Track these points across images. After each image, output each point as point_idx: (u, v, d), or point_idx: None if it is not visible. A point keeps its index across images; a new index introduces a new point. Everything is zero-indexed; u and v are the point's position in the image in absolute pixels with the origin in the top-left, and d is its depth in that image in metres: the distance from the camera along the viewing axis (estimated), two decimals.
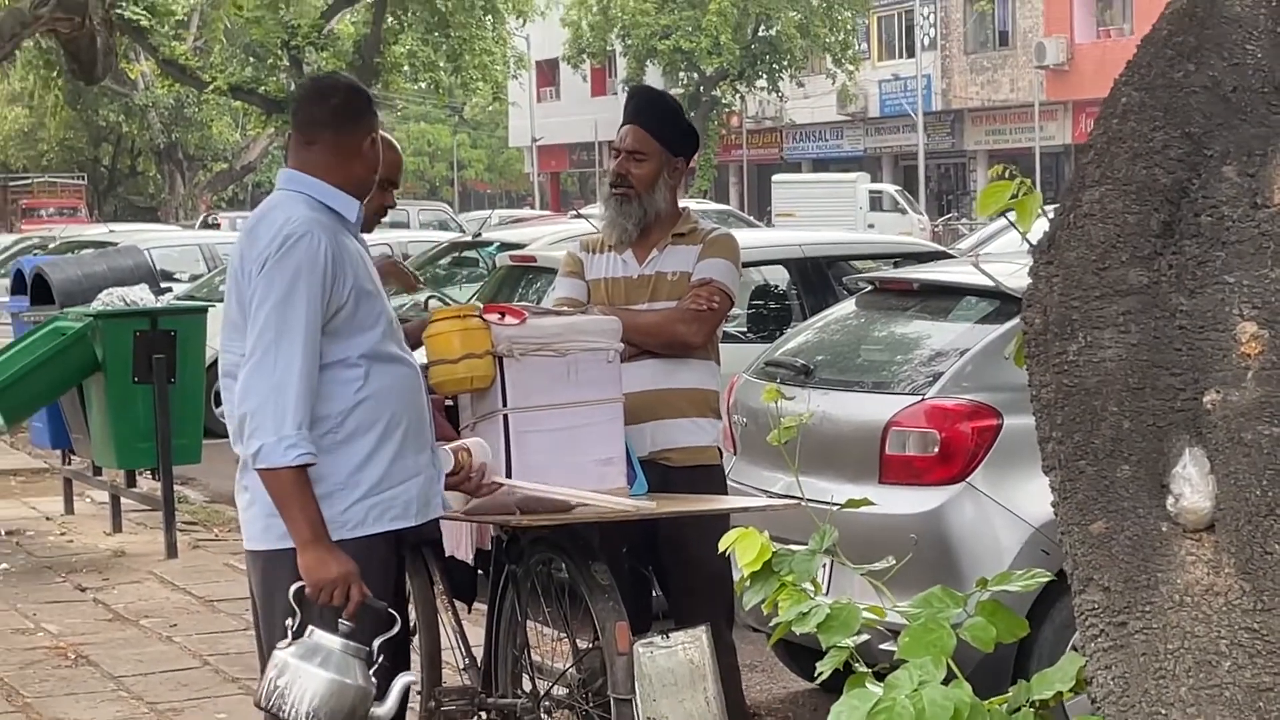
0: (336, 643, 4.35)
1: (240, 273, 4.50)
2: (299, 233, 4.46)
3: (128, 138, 59.15)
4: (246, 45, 45.48)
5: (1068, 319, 3.14)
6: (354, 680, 4.35)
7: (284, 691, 4.30)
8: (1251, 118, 3.05)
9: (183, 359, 10.94)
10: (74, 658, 8.53)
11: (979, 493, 6.69)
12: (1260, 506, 2.98)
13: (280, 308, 4.40)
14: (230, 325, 4.56)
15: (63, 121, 56.70)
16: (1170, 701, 3.03)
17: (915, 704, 3.16)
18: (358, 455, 4.57)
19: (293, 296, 4.41)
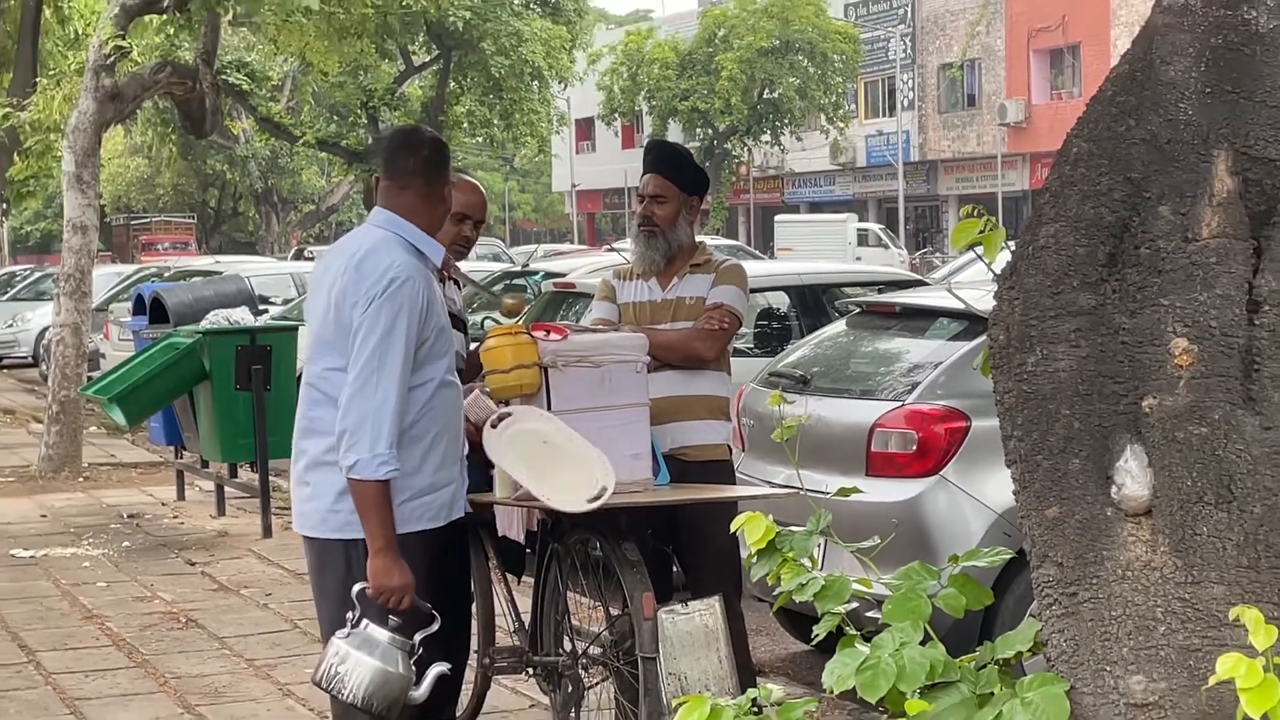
0: (386, 636, 4.33)
1: (343, 300, 4.44)
2: (402, 277, 4.42)
3: (231, 183, 59.25)
4: (331, 105, 45.52)
5: (1027, 335, 3.13)
6: (398, 670, 4.34)
7: (343, 677, 4.30)
8: (1183, 165, 3.04)
9: (277, 369, 10.97)
10: (184, 621, 8.54)
11: (950, 484, 6.68)
12: (1191, 494, 2.97)
13: (384, 342, 4.36)
14: (323, 342, 4.51)
15: (176, 170, 56.85)
16: (1114, 660, 3.02)
17: (897, 661, 3.15)
18: (411, 462, 4.51)
19: (394, 333, 4.38)
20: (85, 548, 10.88)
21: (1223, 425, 2.97)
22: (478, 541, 6.01)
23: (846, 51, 54.50)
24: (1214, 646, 2.89)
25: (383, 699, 4.32)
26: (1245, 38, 3.05)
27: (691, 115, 55.17)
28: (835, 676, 3.21)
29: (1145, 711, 2.98)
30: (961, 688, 3.12)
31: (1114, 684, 3.01)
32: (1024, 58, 51.08)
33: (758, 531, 3.47)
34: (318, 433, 4.50)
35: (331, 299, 4.49)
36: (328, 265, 4.68)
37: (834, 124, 55.87)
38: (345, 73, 35.90)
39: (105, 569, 10.11)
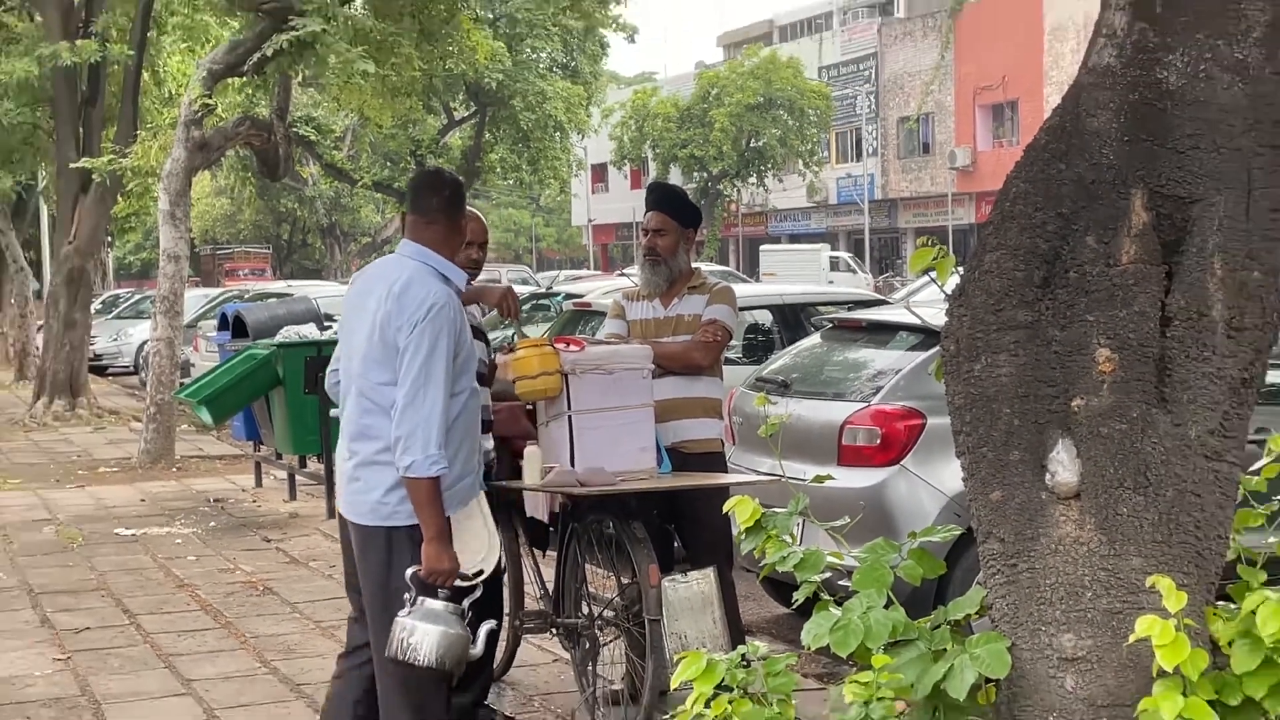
0: (442, 606, 4.32)
1: (387, 324, 4.40)
2: (440, 303, 4.41)
3: (300, 219, 59.31)
4: (385, 153, 45.56)
5: (974, 346, 3.13)
6: (458, 631, 4.33)
7: (415, 647, 4.27)
8: (1106, 202, 3.04)
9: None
10: (261, 589, 8.55)
11: (909, 472, 6.67)
12: (1113, 481, 2.97)
13: (428, 360, 4.34)
14: (371, 360, 4.45)
15: (254, 208, 56.94)
16: (1048, 621, 3.02)
17: (864, 622, 3.15)
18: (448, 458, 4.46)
19: (436, 352, 4.36)
20: (178, 527, 10.89)
21: (1140, 422, 2.97)
22: (508, 520, 6.02)
23: (820, 107, 54.55)
24: (1133, 610, 2.90)
25: (452, 658, 4.31)
26: (1158, 94, 3.05)
27: (689, 161, 55.23)
28: (812, 635, 3.20)
29: (1075, 665, 2.97)
30: (919, 645, 3.12)
31: (1048, 641, 3.01)
32: (970, 112, 51.07)
33: (746, 513, 3.47)
34: (369, 437, 4.46)
35: (376, 322, 4.45)
36: (368, 289, 4.61)
37: (810, 168, 55.92)
38: (397, 126, 35.91)
39: (194, 545, 10.12)
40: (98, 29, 19.24)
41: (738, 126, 53.87)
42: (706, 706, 3.15)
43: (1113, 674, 2.95)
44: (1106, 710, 2.94)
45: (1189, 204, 3.02)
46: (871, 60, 56.06)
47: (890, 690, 3.05)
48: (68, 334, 19.50)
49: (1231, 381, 3.00)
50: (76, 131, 19.51)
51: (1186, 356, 2.99)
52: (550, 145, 45.08)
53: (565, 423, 5.50)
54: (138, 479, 13.68)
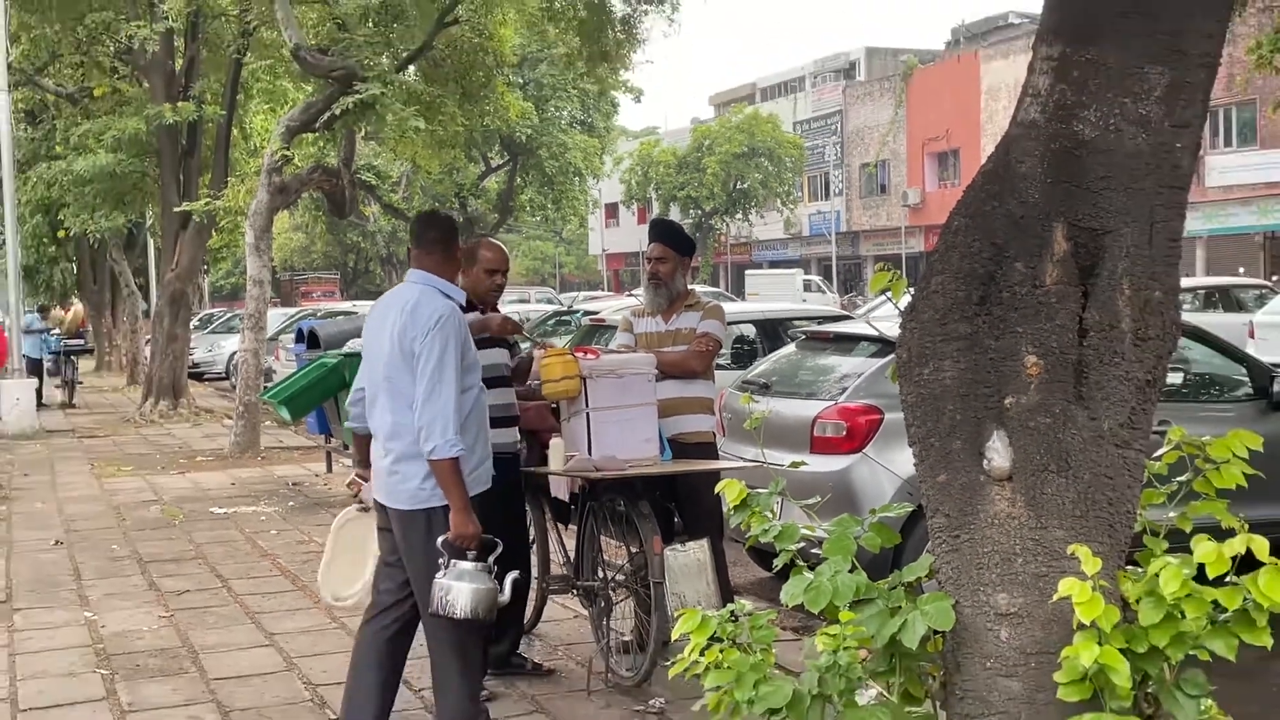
0: (470, 565, 4.33)
1: (403, 337, 4.43)
2: (445, 315, 4.45)
3: (363, 250, 59.34)
4: (433, 195, 45.60)
5: (923, 353, 3.13)
6: (486, 585, 4.33)
7: (452, 603, 4.29)
8: (1032, 234, 3.04)
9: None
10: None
11: (870, 458, 6.67)
12: (1039, 466, 2.96)
13: (440, 361, 4.37)
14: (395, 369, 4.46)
15: (324, 241, 57.03)
16: (985, 583, 3.01)
17: (833, 584, 3.14)
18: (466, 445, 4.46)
19: (446, 354, 4.39)
20: (261, 506, 10.90)
21: (1061, 417, 2.96)
22: (536, 500, 6.03)
23: (795, 155, 54.56)
24: (1056, 573, 2.89)
25: (485, 608, 4.32)
26: (1075, 144, 3.05)
27: (686, 200, 55.26)
28: (789, 594, 3.20)
29: (1008, 619, 2.97)
30: (879, 603, 3.11)
31: (986, 600, 3.00)
32: (920, 159, 51.04)
33: (734, 493, 3.47)
34: (401, 434, 4.46)
35: (394, 337, 4.47)
36: (385, 313, 4.62)
37: (786, 206, 55.95)
38: (443, 172, 35.93)
39: (276, 521, 10.13)
40: (195, 93, 19.32)
41: (726, 172, 53.93)
42: (701, 654, 3.15)
43: (1040, 627, 2.95)
44: (1034, 657, 2.94)
45: (1101, 235, 3.02)
46: (837, 116, 56.06)
47: (855, 640, 3.05)
48: (170, 346, 19.57)
49: (1138, 382, 3.00)
50: (178, 178, 19.59)
51: (1100, 362, 2.99)
52: (570, 188, 45.18)
53: (584, 419, 5.50)
54: (228, 466, 13.72)
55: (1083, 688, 2.78)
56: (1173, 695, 2.89)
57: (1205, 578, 2.77)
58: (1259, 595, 2.73)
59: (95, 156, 19.71)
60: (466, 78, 17.95)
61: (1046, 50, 3.10)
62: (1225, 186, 36.55)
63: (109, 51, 20.75)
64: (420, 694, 5.54)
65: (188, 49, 19.40)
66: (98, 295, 31.54)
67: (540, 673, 5.77)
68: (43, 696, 5.66)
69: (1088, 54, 3.03)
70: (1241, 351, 8.10)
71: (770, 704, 3.02)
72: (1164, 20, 2.99)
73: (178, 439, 16.48)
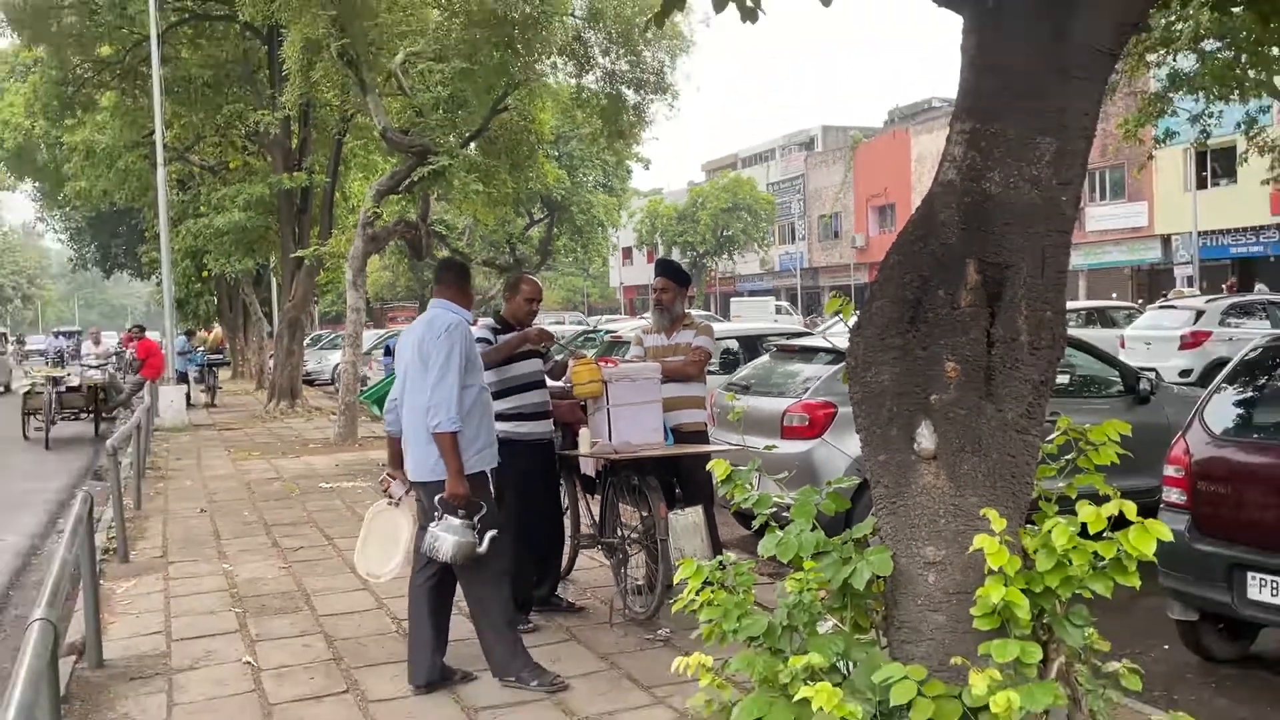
0: (458, 521, 4.36)
1: (422, 342, 4.49)
2: (453, 324, 4.52)
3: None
4: (490, 241, 45.68)
5: (867, 361, 3.11)
6: (467, 538, 4.34)
7: (438, 549, 4.34)
8: (950, 268, 3.02)
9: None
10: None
11: (827, 443, 6.65)
12: (957, 448, 2.94)
13: (447, 358, 4.42)
14: (418, 371, 4.50)
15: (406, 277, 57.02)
16: (916, 539, 2.99)
17: (798, 540, 3.12)
18: (472, 430, 4.50)
19: (452, 353, 4.43)
20: (358, 482, 10.91)
21: (974, 410, 2.94)
22: (569, 474, 6.02)
23: (768, 209, 54.53)
24: (972, 530, 2.87)
25: (463, 555, 4.34)
26: (983, 198, 3.03)
27: (684, 244, 55.23)
28: (764, 548, 3.18)
29: (934, 567, 2.94)
30: (834, 554, 3.09)
31: (917, 551, 2.98)
32: (865, 211, 50.93)
33: (722, 470, 3.45)
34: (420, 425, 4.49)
35: (417, 345, 4.53)
36: (409, 334, 4.69)
37: (762, 248, 55.91)
38: (497, 224, 36.02)
39: (369, 494, 10.12)
40: (307, 165, 19.39)
41: (715, 222, 53.94)
42: (697, 595, 3.13)
43: (959, 572, 2.92)
44: (955, 596, 2.91)
45: (1004, 269, 3.00)
46: (801, 179, 55.99)
47: (815, 584, 3.03)
48: (289, 360, 19.61)
49: (1034, 383, 2.98)
50: (293, 230, 19.65)
51: (1004, 367, 2.96)
52: (595, 235, 45.26)
53: (605, 413, 5.50)
54: (333, 451, 13.72)
55: (993, 620, 2.76)
56: (1063, 625, 2.87)
57: (1087, 534, 2.76)
58: (1129, 547, 2.71)
59: (230, 214, 19.79)
60: (515, 151, 17.98)
61: (960, 126, 3.09)
62: (1101, 230, 36.45)
63: (241, 133, 20.86)
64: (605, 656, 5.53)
65: (301, 131, 19.47)
66: (233, 321, 31.66)
67: (573, 609, 5.75)
68: (191, 629, 5.67)
69: (992, 128, 3.02)
70: (1115, 358, 8.06)
71: (750, 633, 3.00)
72: (1051, 102, 2.98)
73: (294, 431, 16.50)
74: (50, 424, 15.64)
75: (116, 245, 34.94)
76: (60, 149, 25.35)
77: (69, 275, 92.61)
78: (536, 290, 5.65)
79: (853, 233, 51.43)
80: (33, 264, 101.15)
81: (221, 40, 20.77)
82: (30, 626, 2.76)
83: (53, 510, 10.17)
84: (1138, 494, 4.00)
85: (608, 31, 16.96)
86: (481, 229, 41.50)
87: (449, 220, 38.93)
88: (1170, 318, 17.02)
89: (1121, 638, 5.18)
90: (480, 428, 4.58)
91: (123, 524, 7.47)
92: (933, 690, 2.68)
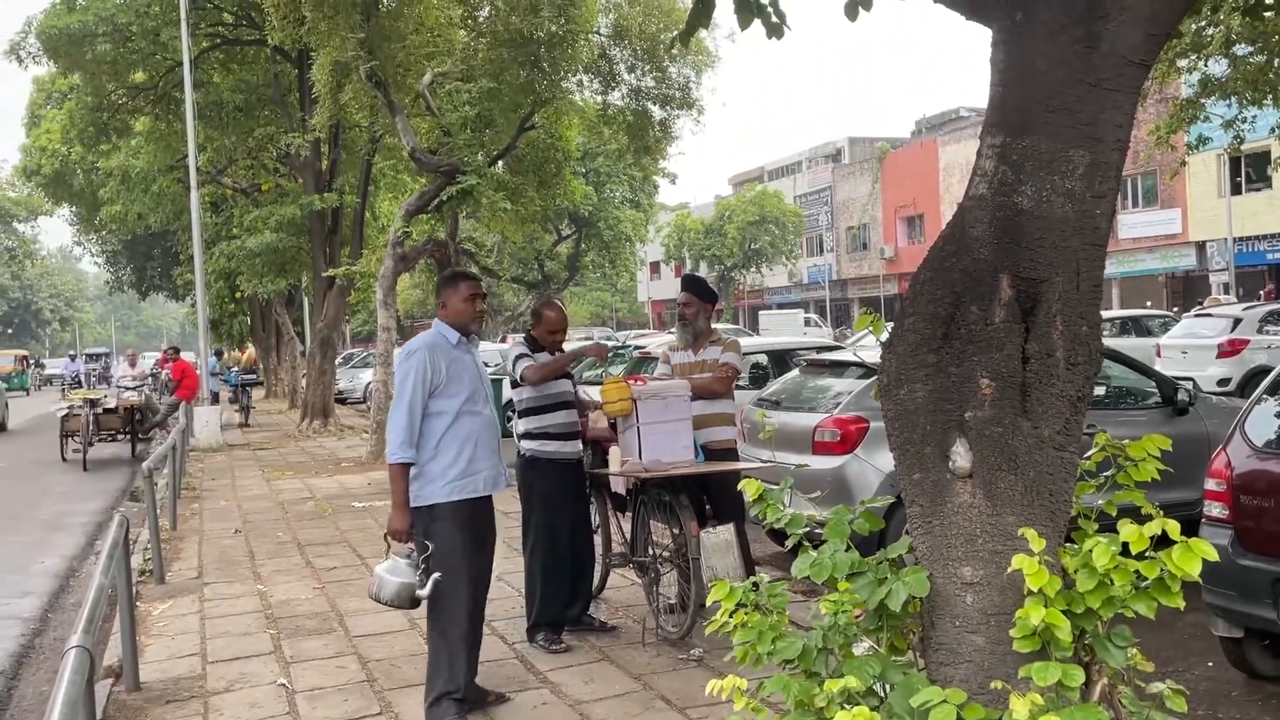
0: (403, 562, 4.17)
1: None
2: (415, 349, 4.33)
3: None
4: (518, 258, 45.89)
5: (899, 378, 3.07)
6: (409, 580, 4.15)
7: (379, 590, 4.18)
8: (983, 283, 2.98)
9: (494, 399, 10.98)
10: None
11: (859, 458, 6.58)
12: (993, 465, 2.89)
13: (401, 385, 4.25)
14: None
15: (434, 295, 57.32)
16: (953, 559, 2.94)
17: (832, 560, 3.08)
18: (448, 458, 4.28)
19: (406, 380, 4.25)
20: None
21: (1010, 427, 2.89)
22: (600, 493, 6.00)
23: (795, 222, 54.43)
24: (1010, 550, 2.81)
25: (403, 599, 4.15)
26: (1015, 213, 2.99)
27: (712, 258, 55.22)
28: (799, 568, 3.13)
29: (972, 587, 2.89)
30: (869, 574, 3.05)
31: (954, 571, 2.93)
32: (893, 222, 50.70)
33: (754, 489, 3.42)
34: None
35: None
36: None
37: (790, 261, 55.81)
38: (525, 241, 36.21)
39: None
40: (337, 186, 19.57)
41: (743, 235, 53.89)
42: (730, 617, 3.10)
43: (998, 593, 2.87)
44: (994, 617, 2.86)
45: (1038, 283, 2.95)
46: (828, 190, 55.87)
47: (851, 605, 2.99)
48: (321, 378, 19.74)
49: (1070, 398, 2.93)
50: (324, 251, 19.83)
51: (1040, 383, 2.92)
52: (623, 251, 45.42)
53: (635, 431, 5.48)
54: (365, 470, 13.78)
55: (1033, 641, 2.70)
56: (1105, 646, 2.81)
57: (1129, 552, 2.70)
58: (1173, 567, 2.65)
59: (262, 235, 20.03)
60: (542, 169, 18.08)
61: (991, 140, 3.05)
62: (1134, 238, 36.06)
63: (272, 156, 21.14)
64: (513, 646, 5.51)
65: (331, 153, 19.67)
66: (266, 341, 31.97)
67: (605, 629, 5.72)
68: (226, 650, 5.70)
69: (1024, 142, 2.97)
70: (1151, 369, 7.94)
71: (785, 655, 2.96)
72: (1083, 114, 2.94)
73: (327, 449, 16.60)
74: (88, 445, 15.84)
75: (151, 267, 35.46)
76: (96, 174, 25.82)
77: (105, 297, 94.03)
78: (560, 322, 5.58)
79: (881, 244, 51.21)
80: (70, 287, 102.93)
81: (252, 64, 21.07)
82: (67, 654, 2.77)
83: (90, 532, 10.28)
84: (1178, 507, 3.93)
85: (633, 48, 17.03)
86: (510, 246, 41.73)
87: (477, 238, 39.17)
88: (1207, 326, 16.76)
89: (1164, 655, 5.08)
90: (459, 455, 4.30)
91: (158, 546, 7.53)
92: (973, 714, 2.63)
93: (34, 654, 6.31)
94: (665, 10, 16.73)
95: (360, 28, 13.78)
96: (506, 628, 5.74)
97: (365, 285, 18.98)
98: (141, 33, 18.74)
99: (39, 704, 5.35)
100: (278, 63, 20.17)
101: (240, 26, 21.07)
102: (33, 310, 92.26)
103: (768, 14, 3.66)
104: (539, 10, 14.45)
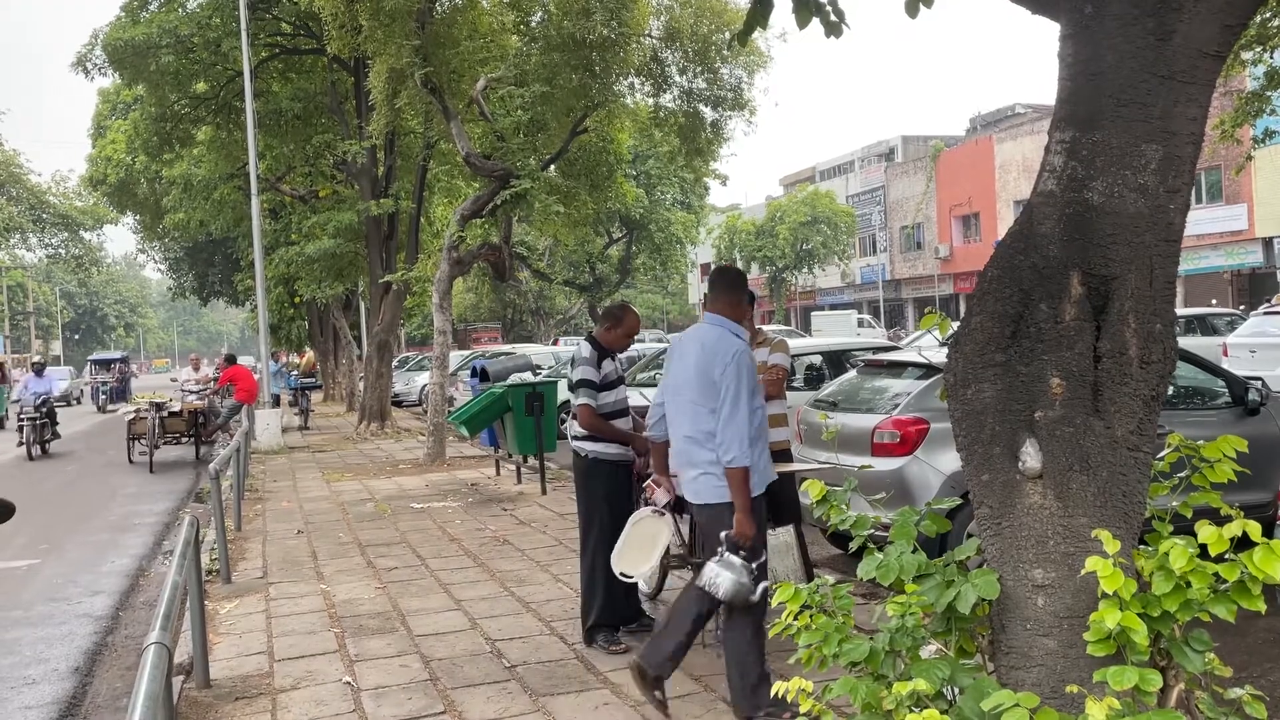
0: (739, 561, 4.12)
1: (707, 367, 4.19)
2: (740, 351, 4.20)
3: (518, 305, 60.03)
4: (570, 262, 46.11)
5: (967, 378, 3.04)
6: (745, 580, 4.12)
7: (717, 585, 4.10)
8: (1053, 281, 2.94)
9: (547, 405, 11.05)
10: (502, 541, 8.61)
11: (920, 460, 6.50)
12: (1065, 466, 2.85)
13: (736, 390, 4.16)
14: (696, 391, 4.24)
15: (489, 299, 57.82)
16: (1024, 561, 2.90)
17: (899, 562, 3.05)
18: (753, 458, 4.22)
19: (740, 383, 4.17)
20: (448, 502, 11.04)
21: (1082, 427, 2.85)
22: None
23: (848, 221, 53.94)
24: (1082, 553, 2.77)
25: (739, 598, 4.13)
26: (1085, 208, 2.94)
27: (764, 260, 54.92)
28: (864, 570, 3.11)
29: (1044, 590, 2.85)
30: (937, 577, 3.02)
31: (1024, 574, 2.89)
32: (948, 221, 50.05)
33: (816, 490, 3.40)
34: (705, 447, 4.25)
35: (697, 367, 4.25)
36: (685, 346, 4.37)
37: (843, 261, 55.31)
38: (577, 244, 36.35)
39: (459, 513, 10.25)
40: (393, 192, 19.84)
41: (794, 236, 53.52)
42: (795, 618, 3.09)
43: (1070, 596, 2.83)
44: (1066, 620, 2.82)
45: (1110, 280, 2.91)
46: (881, 190, 55.34)
47: (918, 608, 2.96)
48: (378, 382, 20.00)
49: (1144, 398, 2.87)
50: (381, 256, 20.09)
51: (1112, 382, 2.87)
52: (674, 253, 45.43)
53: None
54: (423, 472, 13.94)
55: (1108, 645, 2.65)
56: (1182, 650, 2.75)
57: (1206, 554, 2.64)
58: (1254, 569, 2.59)
59: (320, 241, 20.35)
60: (594, 172, 18.14)
61: (1060, 135, 3.00)
62: (1199, 235, 35.21)
63: (329, 163, 21.46)
64: (573, 647, 5.52)
65: (387, 159, 19.93)
66: (324, 345, 32.46)
67: None
68: (292, 649, 5.79)
69: (1094, 137, 2.93)
70: (1221, 368, 7.76)
71: (852, 658, 2.94)
72: (1155, 108, 2.88)
73: (385, 452, 16.81)
74: (154, 448, 16.23)
75: (213, 274, 36.22)
76: (159, 182, 26.44)
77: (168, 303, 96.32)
78: (637, 325, 5.60)
79: (936, 243, 50.58)
80: (134, 294, 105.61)
81: (310, 73, 21.43)
82: (146, 650, 2.84)
83: (158, 532, 10.53)
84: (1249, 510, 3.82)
85: (684, 50, 17.02)
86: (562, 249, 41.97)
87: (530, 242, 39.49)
88: (1275, 324, 16.33)
89: (1240, 660, 4.95)
90: (761, 454, 4.32)
91: (225, 546, 7.68)
92: (1046, 719, 2.59)
93: (106, 651, 6.47)
94: (717, 11, 16.71)
95: (415, 35, 13.95)
96: (566, 628, 5.76)
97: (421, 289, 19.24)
98: (203, 44, 19.16)
99: (112, 700, 5.48)
100: (334, 71, 20.50)
101: (298, 36, 21.45)
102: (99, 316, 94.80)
103: (826, 13, 3.65)
104: (591, 14, 14.51)
